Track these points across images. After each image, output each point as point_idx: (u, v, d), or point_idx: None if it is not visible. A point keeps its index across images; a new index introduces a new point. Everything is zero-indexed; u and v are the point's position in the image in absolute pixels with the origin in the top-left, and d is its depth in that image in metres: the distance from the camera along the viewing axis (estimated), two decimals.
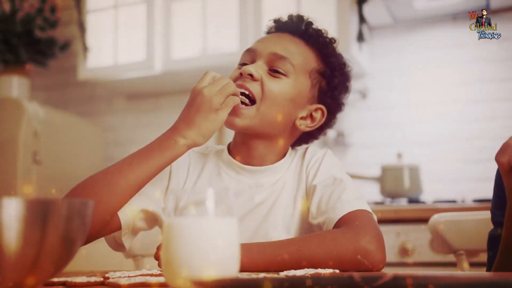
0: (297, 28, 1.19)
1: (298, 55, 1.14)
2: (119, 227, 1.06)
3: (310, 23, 1.20)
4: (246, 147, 1.16)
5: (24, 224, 0.59)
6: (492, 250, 1.09)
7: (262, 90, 1.10)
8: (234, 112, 1.08)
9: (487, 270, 1.10)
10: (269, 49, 1.13)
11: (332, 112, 1.20)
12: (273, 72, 1.12)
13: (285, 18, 1.23)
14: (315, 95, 1.17)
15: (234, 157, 1.18)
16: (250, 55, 1.15)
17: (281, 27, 1.21)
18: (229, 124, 1.11)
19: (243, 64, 1.15)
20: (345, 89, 1.21)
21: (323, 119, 1.18)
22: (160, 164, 1.03)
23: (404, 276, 0.54)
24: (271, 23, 1.24)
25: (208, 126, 1.03)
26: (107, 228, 1.04)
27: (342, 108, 1.22)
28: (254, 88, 1.10)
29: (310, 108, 1.17)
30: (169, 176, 1.15)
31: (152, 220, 1.12)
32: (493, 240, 1.09)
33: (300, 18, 1.21)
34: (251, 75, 1.09)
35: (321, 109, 1.18)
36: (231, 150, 1.20)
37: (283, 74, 1.12)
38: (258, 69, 1.11)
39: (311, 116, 1.17)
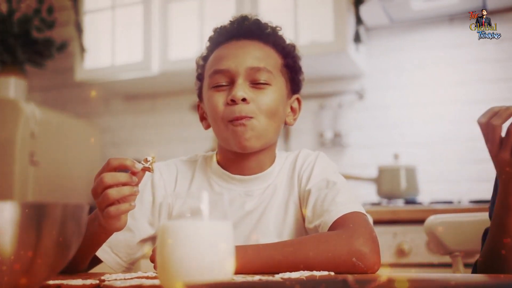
0: (251, 31, 1.18)
1: (268, 59, 1.15)
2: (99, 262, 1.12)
3: (257, 21, 1.21)
4: (241, 161, 1.16)
5: (19, 228, 0.59)
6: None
7: (258, 108, 1.11)
8: (245, 135, 1.09)
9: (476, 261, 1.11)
10: (244, 64, 1.12)
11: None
12: (256, 84, 1.12)
13: (227, 23, 1.21)
14: (289, 88, 1.21)
15: (223, 167, 1.18)
16: (225, 76, 1.13)
17: (235, 34, 1.18)
18: (245, 149, 1.11)
19: (217, 86, 1.13)
20: (301, 67, 1.24)
21: (301, 106, 1.24)
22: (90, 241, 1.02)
23: (398, 280, 0.55)
24: (221, 32, 1.21)
25: (111, 226, 0.96)
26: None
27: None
28: (250, 110, 1.10)
29: (289, 102, 1.21)
30: (151, 191, 1.16)
31: (152, 239, 1.15)
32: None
33: (245, 18, 1.21)
34: (244, 99, 1.09)
35: (297, 98, 1.23)
36: (219, 160, 1.20)
37: (266, 84, 1.13)
38: (245, 89, 1.11)
39: (291, 108, 1.22)
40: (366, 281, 0.55)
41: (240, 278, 0.78)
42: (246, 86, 1.12)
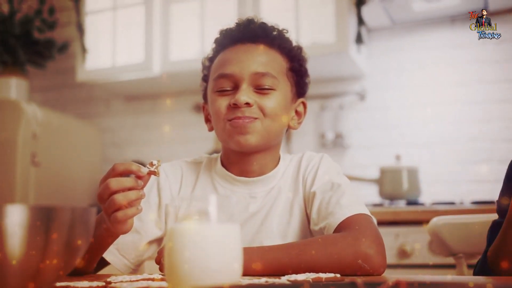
0: (257, 34, 1.17)
1: (273, 63, 1.15)
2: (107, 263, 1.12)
3: (263, 24, 1.20)
4: (243, 162, 1.16)
5: (28, 231, 0.59)
6: (493, 234, 1.08)
7: (262, 110, 1.11)
8: (242, 131, 1.09)
9: (483, 253, 1.10)
10: (248, 69, 1.12)
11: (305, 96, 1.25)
12: (260, 89, 1.12)
13: (233, 26, 1.20)
14: (294, 91, 1.20)
15: (227, 168, 1.18)
16: (229, 81, 1.13)
17: (240, 38, 1.18)
18: (241, 145, 1.11)
19: (221, 90, 1.13)
20: (307, 69, 1.24)
21: (306, 110, 1.24)
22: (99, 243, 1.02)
23: (406, 282, 0.55)
24: (226, 35, 1.20)
25: (118, 230, 0.95)
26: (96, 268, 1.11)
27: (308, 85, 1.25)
28: (254, 113, 1.11)
29: (294, 106, 1.21)
30: (157, 192, 1.17)
31: (158, 241, 1.16)
32: (497, 226, 1.08)
33: (251, 21, 1.20)
34: (247, 103, 1.10)
35: (302, 102, 1.23)
36: (224, 162, 1.20)
37: (270, 89, 1.13)
38: (249, 94, 1.11)
39: (296, 112, 1.22)
40: (375, 284, 0.55)
41: (247, 280, 0.78)
42: (250, 91, 1.12)
